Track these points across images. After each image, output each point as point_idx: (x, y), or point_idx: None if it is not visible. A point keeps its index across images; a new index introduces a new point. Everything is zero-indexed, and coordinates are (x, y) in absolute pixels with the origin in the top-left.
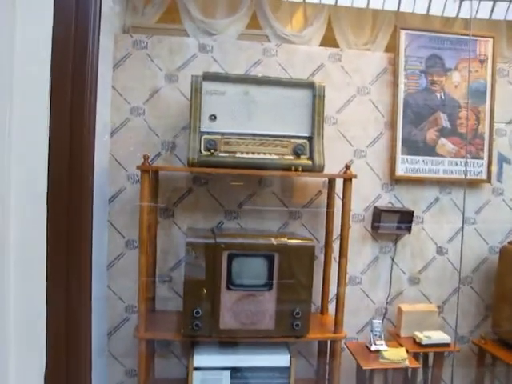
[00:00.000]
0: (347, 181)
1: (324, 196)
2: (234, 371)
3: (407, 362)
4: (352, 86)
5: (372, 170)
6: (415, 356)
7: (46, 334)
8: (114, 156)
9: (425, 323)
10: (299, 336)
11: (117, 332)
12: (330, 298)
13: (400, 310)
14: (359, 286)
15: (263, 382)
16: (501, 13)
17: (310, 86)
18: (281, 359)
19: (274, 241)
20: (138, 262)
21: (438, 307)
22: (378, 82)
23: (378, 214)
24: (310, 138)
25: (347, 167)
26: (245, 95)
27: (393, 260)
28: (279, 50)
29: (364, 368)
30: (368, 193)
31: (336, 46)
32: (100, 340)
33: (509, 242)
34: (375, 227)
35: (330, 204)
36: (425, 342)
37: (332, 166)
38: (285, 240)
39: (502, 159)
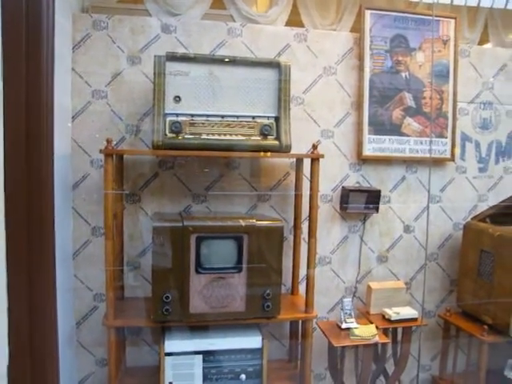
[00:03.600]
0: (314, 161)
1: (292, 177)
2: (207, 355)
3: (377, 338)
4: (318, 67)
5: (339, 150)
6: (385, 332)
7: (8, 325)
8: (76, 141)
9: (393, 300)
10: (270, 317)
11: (85, 321)
12: (300, 279)
13: (369, 288)
14: (329, 265)
15: (236, 364)
16: None
17: (275, 65)
18: (253, 341)
19: (242, 222)
20: (104, 249)
21: (406, 284)
22: (343, 62)
23: (346, 194)
24: (276, 119)
25: (314, 147)
26: (210, 76)
27: (361, 239)
28: (244, 31)
29: (335, 346)
30: (336, 173)
31: (302, 26)
32: (68, 330)
33: (472, 218)
34: (343, 207)
35: (298, 185)
36: (394, 317)
37: (299, 147)
38: (253, 221)
39: (465, 138)
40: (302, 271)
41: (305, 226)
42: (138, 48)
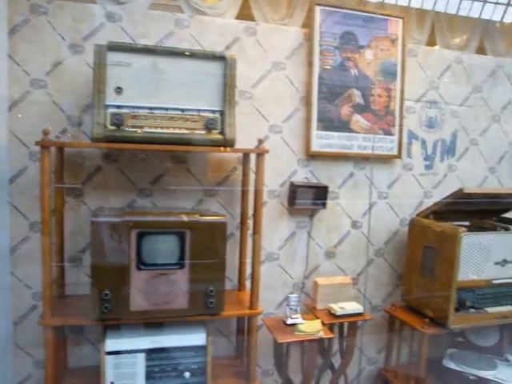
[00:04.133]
0: (260, 156)
1: (240, 172)
2: (150, 353)
3: (321, 333)
4: (267, 61)
5: (288, 146)
6: (331, 327)
7: None
8: (13, 132)
9: (340, 295)
10: (214, 314)
11: (24, 321)
12: (247, 275)
13: (316, 284)
14: (277, 261)
15: (180, 362)
16: None
17: (221, 59)
18: (197, 338)
19: (184, 218)
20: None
21: (354, 279)
22: (293, 57)
23: (293, 190)
24: (221, 113)
25: (260, 142)
26: (153, 67)
27: (309, 235)
28: (192, 22)
29: (279, 341)
30: (284, 168)
31: (253, 20)
32: (3, 330)
33: (417, 214)
34: (291, 203)
35: (244, 180)
36: (339, 312)
37: (248, 142)
38: (196, 217)
39: (412, 136)
40: (249, 267)
41: (252, 222)
42: (80, 36)
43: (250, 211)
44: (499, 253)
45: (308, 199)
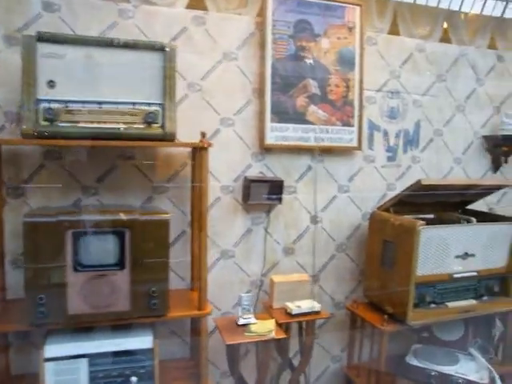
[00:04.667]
0: (203, 150)
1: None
2: (93, 358)
3: (273, 334)
4: (217, 52)
5: (241, 139)
6: (288, 326)
7: None
8: None
9: (298, 293)
10: (158, 315)
11: None
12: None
13: (272, 282)
14: (233, 259)
15: (126, 366)
16: None
17: (160, 49)
18: (143, 341)
19: (123, 216)
20: None
21: (315, 276)
22: (245, 47)
23: (247, 185)
24: (162, 106)
25: (203, 135)
26: (88, 59)
27: (266, 231)
28: (137, 12)
29: (227, 343)
30: (237, 163)
31: (206, 10)
32: None
33: (378, 207)
34: (246, 198)
35: (194, 175)
36: (295, 311)
37: (197, 136)
38: (136, 215)
39: (373, 127)
40: None
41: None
42: (15, 27)
43: None
44: (460, 246)
45: (263, 194)
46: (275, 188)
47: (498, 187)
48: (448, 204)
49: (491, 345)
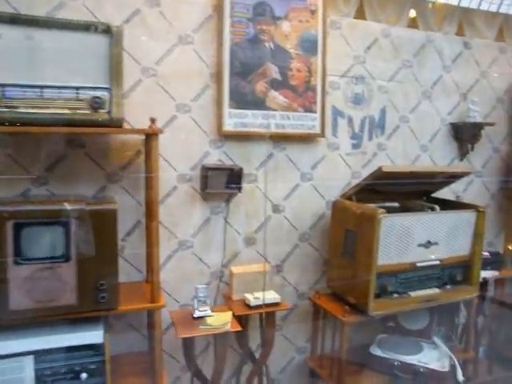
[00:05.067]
0: (153, 136)
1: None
2: (39, 355)
3: (228, 327)
4: (173, 35)
5: (198, 126)
6: (248, 318)
7: None
8: None
9: (258, 284)
10: (108, 309)
11: None
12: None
13: (231, 273)
14: (191, 249)
15: (75, 362)
16: None
17: (105, 30)
18: (93, 336)
19: (68, 206)
20: None
21: (277, 266)
22: (202, 30)
23: (205, 173)
24: (108, 90)
25: (152, 121)
26: (28, 40)
27: (226, 221)
28: None
29: (180, 336)
30: (195, 150)
31: None
32: None
33: (341, 196)
34: (203, 187)
35: (148, 164)
36: (253, 303)
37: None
38: (82, 205)
39: (337, 113)
40: (160, 257)
41: (161, 208)
42: None
43: (160, 197)
44: (423, 234)
45: (221, 183)
46: (234, 176)
47: (461, 175)
48: (414, 192)
49: (455, 333)
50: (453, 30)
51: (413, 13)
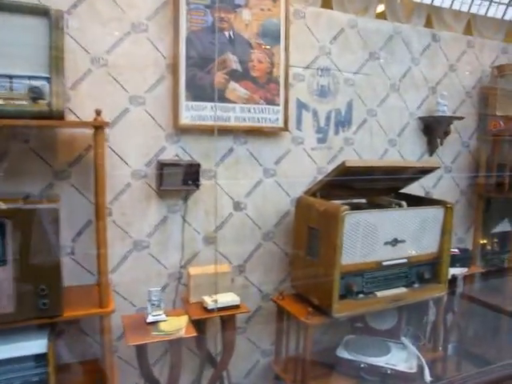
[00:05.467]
0: (98, 130)
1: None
2: None
3: (182, 332)
4: (125, 22)
5: (153, 119)
6: (206, 322)
7: None
8: None
9: (218, 285)
10: (50, 316)
11: None
12: (111, 268)
13: (188, 274)
14: (147, 250)
15: (15, 375)
16: None
17: (42, 13)
18: (35, 345)
19: (2, 205)
20: None
21: (240, 266)
22: (157, 17)
23: (160, 170)
24: (49, 80)
25: (97, 113)
26: None
27: (184, 219)
28: None
29: (128, 344)
30: (150, 145)
31: None
32: None
33: (305, 192)
34: (159, 184)
35: (97, 159)
36: (210, 306)
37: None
38: (19, 204)
39: (302, 106)
40: (113, 259)
41: (114, 207)
42: None
43: (111, 195)
44: (389, 232)
45: (178, 179)
46: (191, 172)
47: (430, 170)
48: (383, 188)
49: (423, 331)
50: (421, 22)
51: (381, 7)
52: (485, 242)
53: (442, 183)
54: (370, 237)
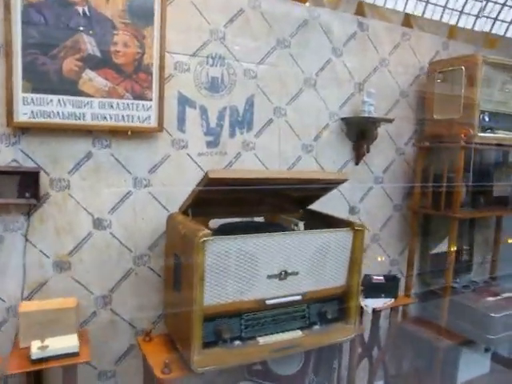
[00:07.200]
0: None
1: None
2: None
3: None
4: None
5: None
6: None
7: None
8: None
9: (58, 326)
10: None
11: None
12: None
13: (18, 311)
14: None
15: None
16: None
17: None
18: None
19: None
20: None
21: (104, 297)
22: None
23: None
24: None
25: None
26: None
27: (27, 239)
28: None
29: None
30: None
31: None
32: None
33: (180, 208)
34: None
35: None
36: (35, 355)
37: None
38: None
39: (185, 102)
40: None
41: None
42: None
43: None
44: (275, 262)
45: (12, 191)
46: (28, 182)
47: (336, 182)
48: (280, 204)
49: (331, 379)
50: (351, 10)
51: None
52: (424, 264)
53: (370, 197)
54: (247, 269)
